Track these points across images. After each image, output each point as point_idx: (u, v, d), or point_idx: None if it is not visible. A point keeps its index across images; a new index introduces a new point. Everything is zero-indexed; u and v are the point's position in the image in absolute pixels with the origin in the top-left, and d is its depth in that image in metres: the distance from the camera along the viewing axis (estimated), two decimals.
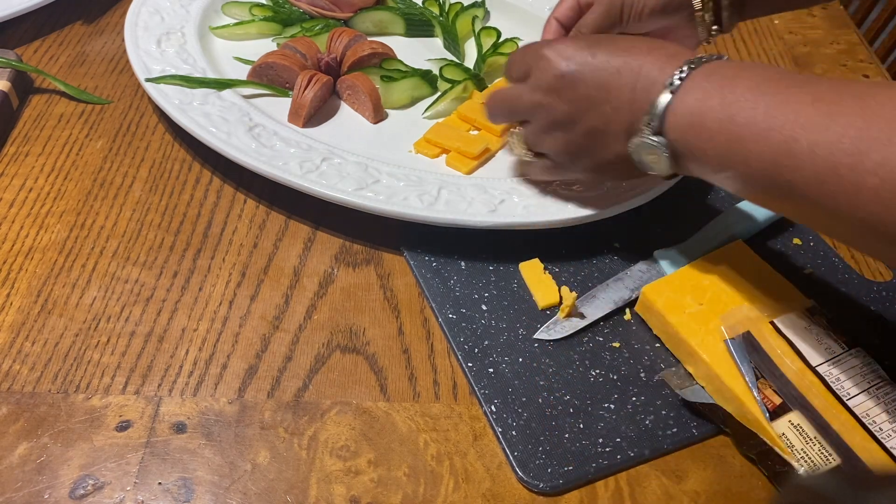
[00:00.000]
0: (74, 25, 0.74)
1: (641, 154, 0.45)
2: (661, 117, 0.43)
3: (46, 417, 0.45)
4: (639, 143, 0.44)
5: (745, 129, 0.39)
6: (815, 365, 0.45)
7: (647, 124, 0.43)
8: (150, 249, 0.54)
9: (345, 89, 0.65)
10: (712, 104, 0.41)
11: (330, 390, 0.47)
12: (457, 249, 0.55)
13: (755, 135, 0.39)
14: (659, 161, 0.45)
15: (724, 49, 0.78)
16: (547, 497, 0.43)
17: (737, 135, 0.40)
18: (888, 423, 0.43)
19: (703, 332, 0.47)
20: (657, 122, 0.43)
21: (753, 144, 0.39)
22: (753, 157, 0.39)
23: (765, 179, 0.39)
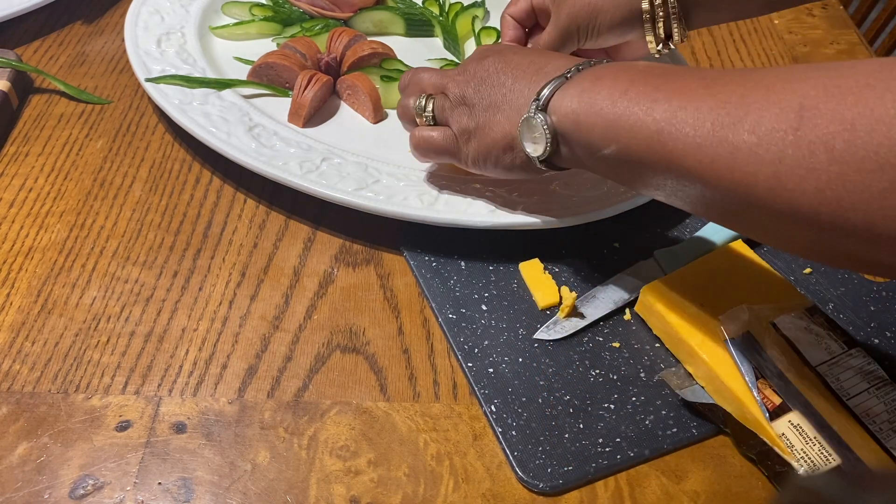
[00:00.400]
0: (74, 25, 0.74)
1: (525, 133, 0.46)
2: (547, 98, 0.44)
3: (46, 417, 0.45)
4: (525, 119, 0.45)
5: (633, 102, 0.40)
6: (815, 365, 0.45)
7: (535, 101, 0.45)
8: (150, 249, 0.54)
9: (345, 89, 0.65)
10: (602, 85, 0.42)
11: (330, 390, 0.47)
12: (457, 249, 0.55)
13: (641, 106, 0.39)
14: (540, 139, 0.45)
15: (724, 49, 0.78)
16: (547, 497, 0.43)
17: (623, 107, 0.40)
18: (888, 423, 0.43)
19: (703, 332, 0.47)
20: (544, 101, 0.44)
21: (639, 114, 0.39)
22: (638, 127, 0.39)
23: (647, 152, 0.39)
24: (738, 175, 0.35)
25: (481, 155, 0.50)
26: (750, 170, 0.34)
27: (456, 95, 0.50)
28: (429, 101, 0.52)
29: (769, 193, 0.34)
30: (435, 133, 0.52)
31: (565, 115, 0.43)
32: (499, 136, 0.48)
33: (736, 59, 0.76)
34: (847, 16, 0.85)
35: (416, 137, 0.53)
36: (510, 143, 0.48)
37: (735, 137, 0.35)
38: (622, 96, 0.41)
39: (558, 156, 0.46)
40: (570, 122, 0.43)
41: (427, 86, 0.53)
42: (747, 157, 0.34)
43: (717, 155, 0.35)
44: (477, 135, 0.49)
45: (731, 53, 0.77)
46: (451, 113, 0.51)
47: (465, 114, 0.50)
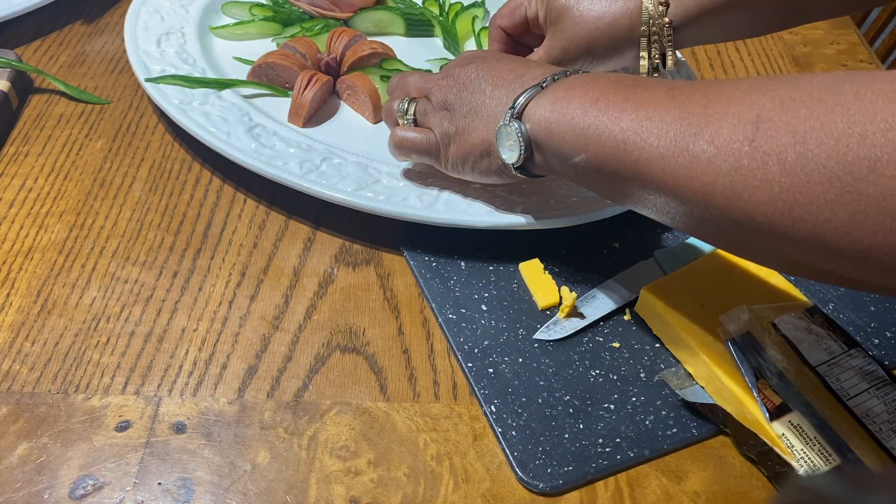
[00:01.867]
0: (74, 25, 0.74)
1: (500, 140, 0.47)
2: (522, 106, 0.45)
3: (46, 417, 0.45)
4: (500, 127, 0.46)
5: (602, 111, 0.41)
6: (815, 365, 0.45)
7: (510, 109, 0.46)
8: (149, 249, 0.54)
9: (345, 89, 0.65)
10: (574, 94, 0.43)
11: (330, 390, 0.47)
12: (457, 249, 0.55)
13: (610, 115, 0.40)
14: (514, 147, 0.46)
15: (724, 49, 0.78)
16: (547, 497, 0.43)
17: (593, 116, 0.41)
18: (888, 423, 0.43)
19: (703, 332, 0.47)
20: (518, 109, 0.45)
21: (607, 124, 0.40)
22: (606, 136, 0.40)
23: (615, 161, 0.40)
24: (697, 184, 0.36)
25: (460, 159, 0.51)
26: (708, 179, 0.35)
27: (438, 100, 0.51)
28: (411, 104, 0.53)
29: (726, 203, 0.35)
30: (416, 134, 0.53)
31: (538, 123, 0.44)
32: (477, 141, 0.49)
33: (736, 59, 0.76)
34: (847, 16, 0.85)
35: (398, 137, 0.53)
36: (487, 149, 0.49)
37: (695, 147, 0.36)
38: (592, 106, 0.42)
39: (532, 163, 0.47)
40: (543, 130, 0.44)
41: (412, 89, 0.54)
42: (706, 167, 0.35)
43: (678, 165, 0.36)
44: (456, 139, 0.50)
45: (731, 53, 0.77)
46: (433, 117, 0.51)
47: (447, 118, 0.51)
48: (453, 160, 0.51)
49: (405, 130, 0.53)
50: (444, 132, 0.51)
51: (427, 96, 0.53)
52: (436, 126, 0.51)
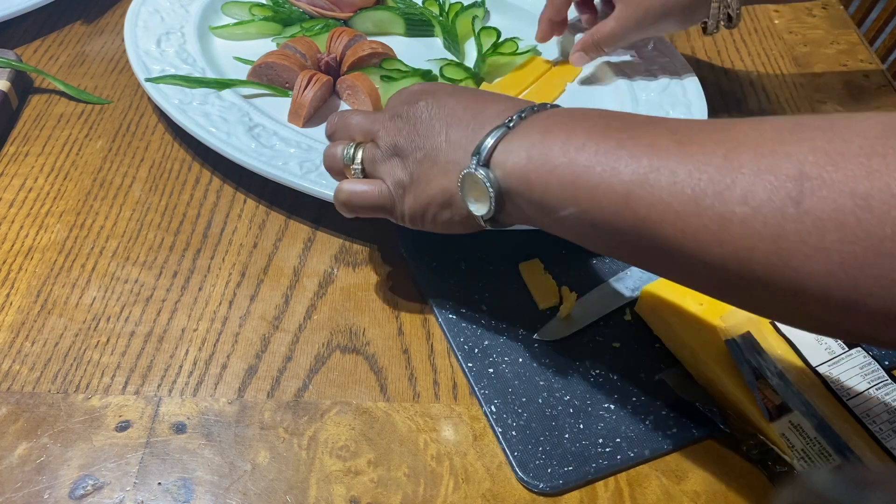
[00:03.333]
0: (74, 25, 0.74)
1: (466, 190, 0.41)
2: (489, 151, 0.40)
3: (46, 417, 0.45)
4: (465, 175, 0.41)
5: (593, 160, 0.35)
6: (815, 365, 0.45)
7: (476, 155, 0.40)
8: (149, 249, 0.54)
9: (345, 89, 0.65)
10: (554, 138, 0.38)
11: (330, 390, 0.47)
12: (457, 249, 0.55)
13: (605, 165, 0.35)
14: (483, 197, 0.41)
15: (724, 50, 0.78)
16: (547, 497, 0.43)
17: (582, 166, 0.36)
18: (888, 423, 0.43)
19: (703, 332, 0.47)
20: (485, 155, 0.40)
21: (602, 175, 0.35)
22: (602, 190, 0.35)
23: (615, 217, 0.35)
24: (728, 249, 0.31)
25: (418, 211, 0.44)
26: (744, 244, 0.30)
27: (387, 144, 0.45)
28: (358, 149, 0.46)
29: (769, 271, 0.30)
30: (367, 187, 0.45)
31: (512, 171, 0.39)
32: (436, 191, 0.43)
33: (736, 59, 0.76)
34: (847, 16, 0.85)
35: (345, 193, 0.46)
36: (448, 200, 0.43)
37: (723, 207, 0.31)
38: (579, 153, 0.36)
39: (505, 213, 0.41)
40: (519, 179, 0.39)
41: (356, 132, 0.47)
42: (740, 230, 0.30)
43: (701, 225, 0.31)
44: (412, 189, 0.44)
45: (732, 53, 0.77)
46: (383, 165, 0.45)
47: (398, 165, 0.44)
48: (410, 213, 0.45)
49: (352, 184, 0.46)
50: (397, 181, 0.44)
51: (374, 140, 0.46)
52: (387, 175, 0.45)
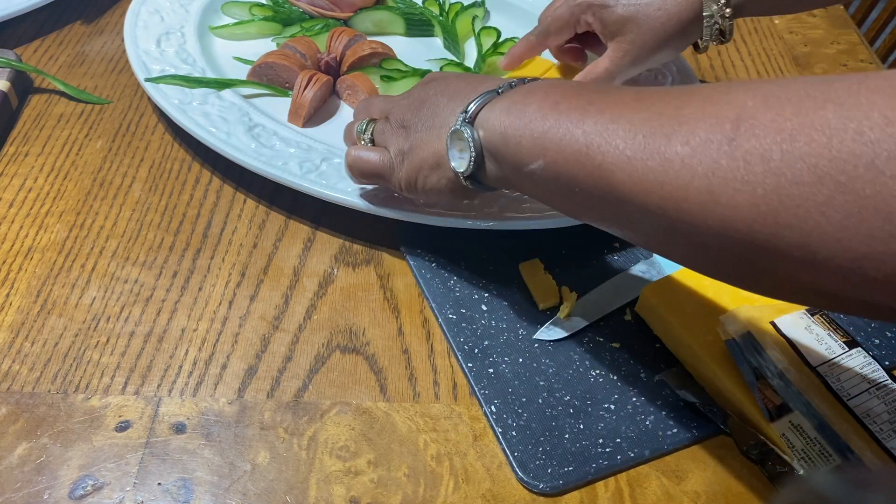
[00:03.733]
0: (74, 25, 0.74)
1: (451, 146, 0.44)
2: (475, 110, 0.43)
3: (46, 418, 0.45)
4: (452, 132, 0.44)
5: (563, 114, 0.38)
6: (815, 365, 0.45)
7: (463, 113, 0.44)
8: (149, 249, 0.54)
9: (345, 89, 0.65)
10: (533, 98, 0.41)
11: (330, 390, 0.47)
12: (457, 249, 0.55)
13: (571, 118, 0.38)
14: (465, 154, 0.43)
15: (724, 50, 0.78)
16: (547, 497, 0.43)
17: (553, 120, 0.39)
18: (888, 423, 0.43)
19: (703, 332, 0.47)
20: (472, 113, 0.43)
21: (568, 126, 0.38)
22: (567, 140, 0.37)
23: (576, 167, 0.37)
24: (668, 189, 0.33)
25: (411, 175, 0.48)
26: (681, 183, 0.32)
27: (397, 119, 0.49)
28: (370, 125, 0.51)
29: (701, 209, 0.32)
30: (371, 154, 0.50)
31: (493, 128, 0.42)
32: (428, 153, 0.46)
33: (736, 59, 0.76)
34: (847, 16, 0.85)
35: (351, 157, 0.51)
36: (438, 161, 0.46)
37: (668, 149, 0.33)
38: (553, 109, 0.39)
39: (484, 172, 0.44)
40: (498, 135, 0.42)
41: (374, 111, 0.53)
42: (679, 169, 0.32)
43: (647, 168, 0.34)
44: (409, 155, 0.48)
45: (732, 53, 0.77)
46: (390, 136, 0.49)
47: (403, 136, 0.48)
48: (406, 178, 0.48)
49: (360, 150, 0.51)
50: (399, 149, 0.48)
51: (387, 117, 0.51)
52: (392, 144, 0.49)
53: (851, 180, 0.28)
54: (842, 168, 0.28)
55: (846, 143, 0.28)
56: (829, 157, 0.28)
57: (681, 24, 0.55)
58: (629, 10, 0.55)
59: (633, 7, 0.55)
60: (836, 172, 0.28)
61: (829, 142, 0.28)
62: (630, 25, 0.55)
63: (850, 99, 0.29)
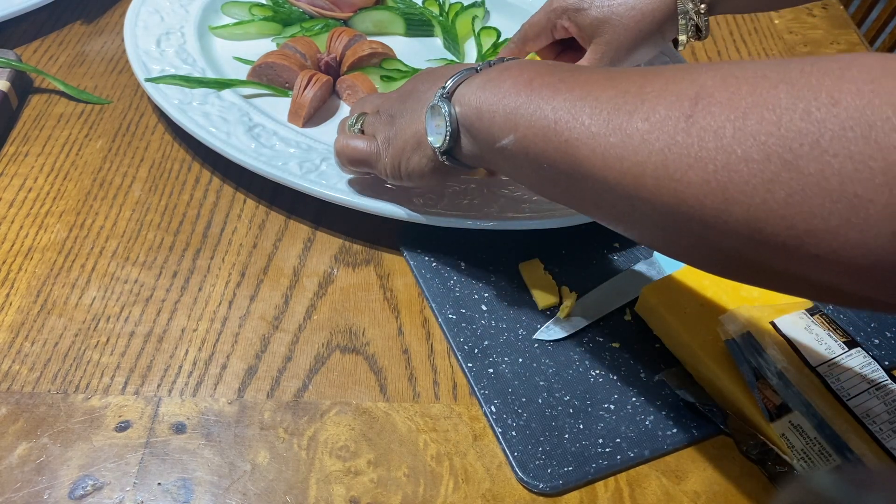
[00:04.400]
0: (74, 25, 0.74)
1: (429, 122, 0.45)
2: (452, 87, 0.44)
3: (46, 418, 0.45)
4: (430, 108, 0.45)
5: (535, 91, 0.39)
6: (815, 365, 0.45)
7: (441, 89, 0.45)
8: (149, 249, 0.54)
9: (344, 89, 0.65)
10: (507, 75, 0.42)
11: (330, 390, 0.47)
12: (457, 249, 0.55)
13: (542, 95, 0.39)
14: (441, 129, 0.44)
15: (724, 49, 0.78)
16: (547, 497, 0.43)
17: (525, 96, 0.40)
18: (888, 423, 0.43)
19: (703, 332, 0.47)
20: (449, 90, 0.44)
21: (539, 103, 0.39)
22: (537, 116, 0.38)
23: (543, 142, 0.38)
24: (627, 164, 0.34)
25: (395, 159, 0.49)
26: (639, 158, 0.33)
27: (385, 110, 0.51)
28: (360, 118, 0.53)
29: (656, 184, 0.33)
30: (358, 141, 0.51)
31: (468, 104, 0.43)
32: (409, 134, 0.48)
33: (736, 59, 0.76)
34: (847, 16, 0.85)
35: (340, 144, 0.52)
36: (419, 141, 0.47)
37: (629, 125, 0.34)
38: (526, 86, 0.40)
39: (459, 148, 0.45)
40: (473, 110, 0.43)
41: (367, 107, 0.54)
42: (638, 144, 0.33)
43: (609, 144, 0.35)
44: (394, 140, 0.49)
45: (732, 53, 0.77)
46: (379, 126, 0.51)
47: (389, 124, 0.50)
48: (391, 162, 0.49)
49: (348, 137, 0.52)
50: (385, 137, 0.50)
51: (378, 110, 0.52)
52: (379, 133, 0.50)
53: (797, 158, 0.28)
54: (789, 146, 0.29)
55: (794, 121, 0.29)
56: (777, 136, 0.29)
57: (655, 23, 0.55)
58: (603, 12, 0.55)
59: (606, 8, 0.55)
60: (783, 150, 0.29)
61: (778, 120, 0.29)
62: (605, 27, 0.55)
63: (801, 79, 0.29)
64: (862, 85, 0.28)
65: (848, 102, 0.28)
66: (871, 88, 0.28)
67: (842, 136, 0.28)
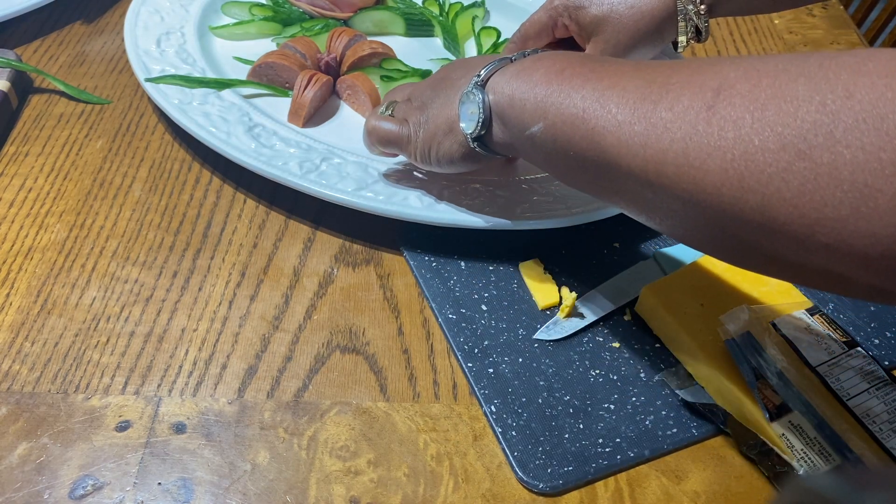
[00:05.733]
0: (74, 25, 0.74)
1: (462, 109, 0.46)
2: (486, 76, 0.45)
3: (46, 417, 0.45)
4: (463, 94, 0.46)
5: (566, 80, 0.40)
6: (815, 365, 0.45)
7: (476, 77, 0.46)
8: (149, 249, 0.54)
9: (345, 89, 0.65)
10: (540, 65, 0.43)
11: (330, 390, 0.47)
12: (457, 249, 0.55)
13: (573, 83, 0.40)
14: (474, 116, 0.45)
15: (723, 49, 0.78)
16: (547, 497, 0.43)
17: (556, 85, 0.41)
18: (888, 424, 0.43)
19: (703, 332, 0.47)
20: (483, 78, 0.45)
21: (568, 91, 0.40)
22: (566, 104, 0.39)
23: (571, 130, 0.39)
24: (650, 152, 0.35)
25: (426, 143, 0.50)
26: (661, 146, 0.34)
27: (417, 97, 0.52)
28: (391, 105, 0.54)
29: (677, 172, 0.34)
30: (389, 123, 0.52)
31: (501, 91, 0.44)
32: (442, 120, 0.49)
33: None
34: (847, 16, 0.85)
35: (371, 124, 0.53)
36: (451, 126, 0.48)
37: (653, 114, 0.35)
38: (557, 75, 0.41)
39: (490, 135, 0.46)
40: (506, 98, 0.44)
41: (398, 95, 0.55)
42: (661, 132, 0.34)
43: (633, 132, 0.36)
44: (426, 125, 0.50)
45: (732, 53, 0.77)
46: (411, 111, 0.52)
47: (421, 109, 0.51)
48: (422, 146, 0.50)
49: (379, 119, 0.53)
50: (417, 121, 0.51)
51: (409, 98, 0.53)
52: (411, 118, 0.51)
53: (811, 148, 0.29)
54: (804, 136, 0.30)
55: (811, 113, 0.30)
56: (794, 126, 0.30)
57: (654, 22, 0.55)
58: (602, 10, 0.56)
59: (606, 7, 0.56)
60: (799, 140, 0.30)
61: (795, 111, 0.30)
62: (604, 25, 0.56)
63: (819, 73, 0.30)
64: (876, 79, 0.29)
65: (862, 95, 0.28)
66: (885, 83, 0.28)
67: (855, 127, 0.28)
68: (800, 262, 0.32)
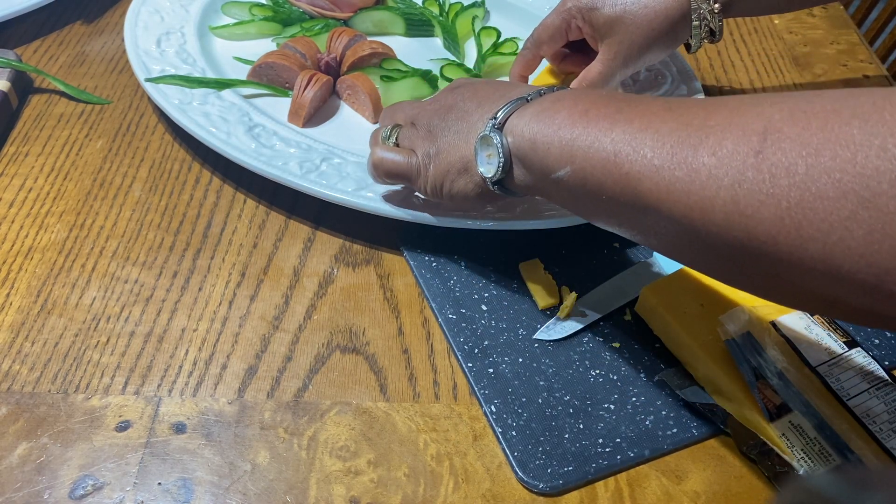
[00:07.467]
0: (74, 25, 0.74)
1: (479, 152, 0.45)
2: (504, 117, 0.44)
3: (46, 418, 0.45)
4: (480, 137, 0.44)
5: (592, 122, 0.39)
6: (815, 365, 0.45)
7: (492, 119, 0.44)
8: (149, 249, 0.54)
9: (345, 89, 0.65)
10: (562, 105, 0.41)
11: (330, 390, 0.47)
12: (457, 249, 0.55)
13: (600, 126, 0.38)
14: (494, 160, 0.44)
15: (724, 50, 0.78)
16: (547, 497, 0.43)
17: (581, 127, 0.39)
18: (888, 423, 0.43)
19: (703, 332, 0.47)
20: (501, 120, 0.44)
21: (596, 134, 0.38)
22: (595, 148, 0.38)
23: (603, 174, 0.38)
24: (694, 199, 0.33)
25: (438, 179, 0.48)
26: (707, 194, 0.33)
27: (423, 124, 0.50)
28: (395, 130, 0.52)
29: (726, 220, 0.32)
30: (397, 155, 0.50)
31: (521, 135, 0.42)
32: (455, 158, 0.47)
33: (736, 59, 0.76)
34: (847, 16, 0.85)
35: (377, 156, 0.50)
36: (465, 166, 0.47)
37: (695, 160, 0.34)
38: (582, 116, 0.40)
39: (511, 178, 0.44)
40: (527, 142, 0.42)
41: (399, 117, 0.53)
42: (706, 179, 0.33)
43: (674, 178, 0.34)
44: (436, 159, 0.48)
45: (732, 53, 0.77)
46: (417, 140, 0.50)
47: (429, 140, 0.49)
48: (432, 181, 0.49)
49: (385, 150, 0.50)
50: (426, 153, 0.49)
51: (413, 122, 0.51)
52: (419, 148, 0.49)
53: (875, 196, 0.28)
54: (866, 184, 0.28)
55: (871, 158, 0.28)
56: (853, 173, 0.29)
57: (668, 22, 0.55)
58: (616, 11, 0.55)
59: (619, 7, 0.55)
60: (860, 188, 0.28)
61: (853, 157, 0.29)
62: (618, 26, 0.55)
63: (875, 114, 0.29)
64: None
65: None
66: None
67: None
68: (866, 307, 0.30)
